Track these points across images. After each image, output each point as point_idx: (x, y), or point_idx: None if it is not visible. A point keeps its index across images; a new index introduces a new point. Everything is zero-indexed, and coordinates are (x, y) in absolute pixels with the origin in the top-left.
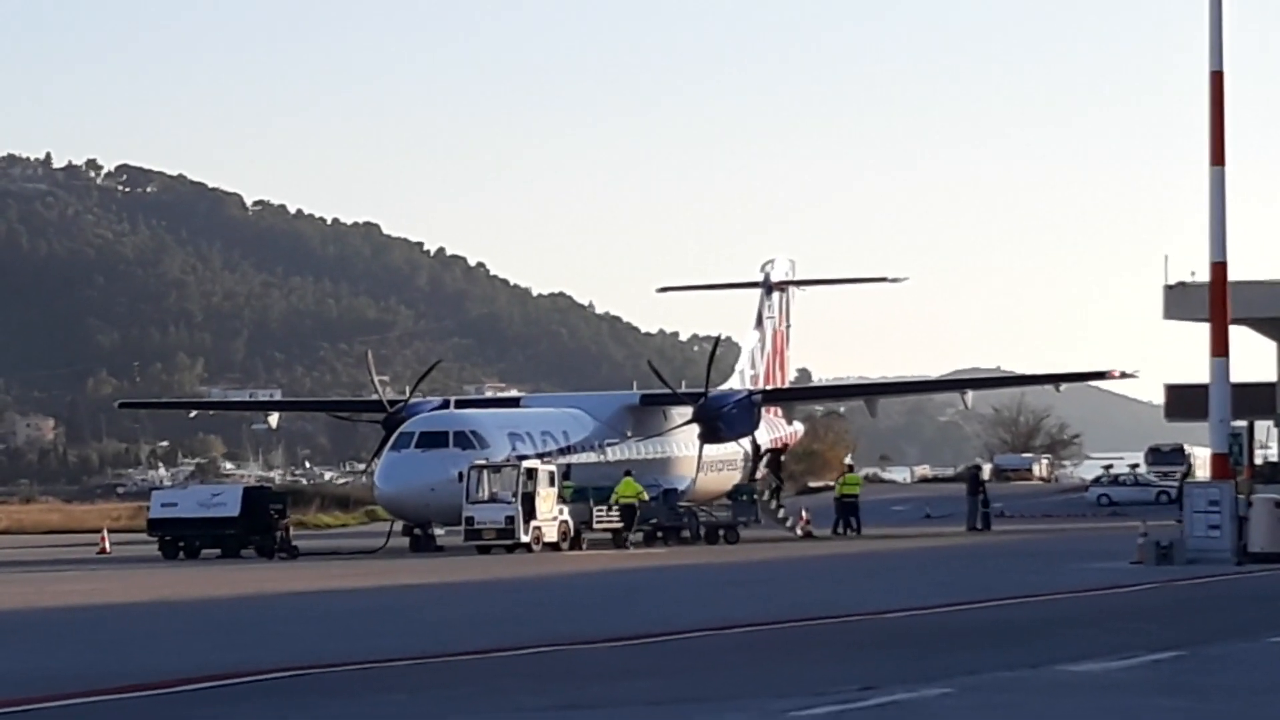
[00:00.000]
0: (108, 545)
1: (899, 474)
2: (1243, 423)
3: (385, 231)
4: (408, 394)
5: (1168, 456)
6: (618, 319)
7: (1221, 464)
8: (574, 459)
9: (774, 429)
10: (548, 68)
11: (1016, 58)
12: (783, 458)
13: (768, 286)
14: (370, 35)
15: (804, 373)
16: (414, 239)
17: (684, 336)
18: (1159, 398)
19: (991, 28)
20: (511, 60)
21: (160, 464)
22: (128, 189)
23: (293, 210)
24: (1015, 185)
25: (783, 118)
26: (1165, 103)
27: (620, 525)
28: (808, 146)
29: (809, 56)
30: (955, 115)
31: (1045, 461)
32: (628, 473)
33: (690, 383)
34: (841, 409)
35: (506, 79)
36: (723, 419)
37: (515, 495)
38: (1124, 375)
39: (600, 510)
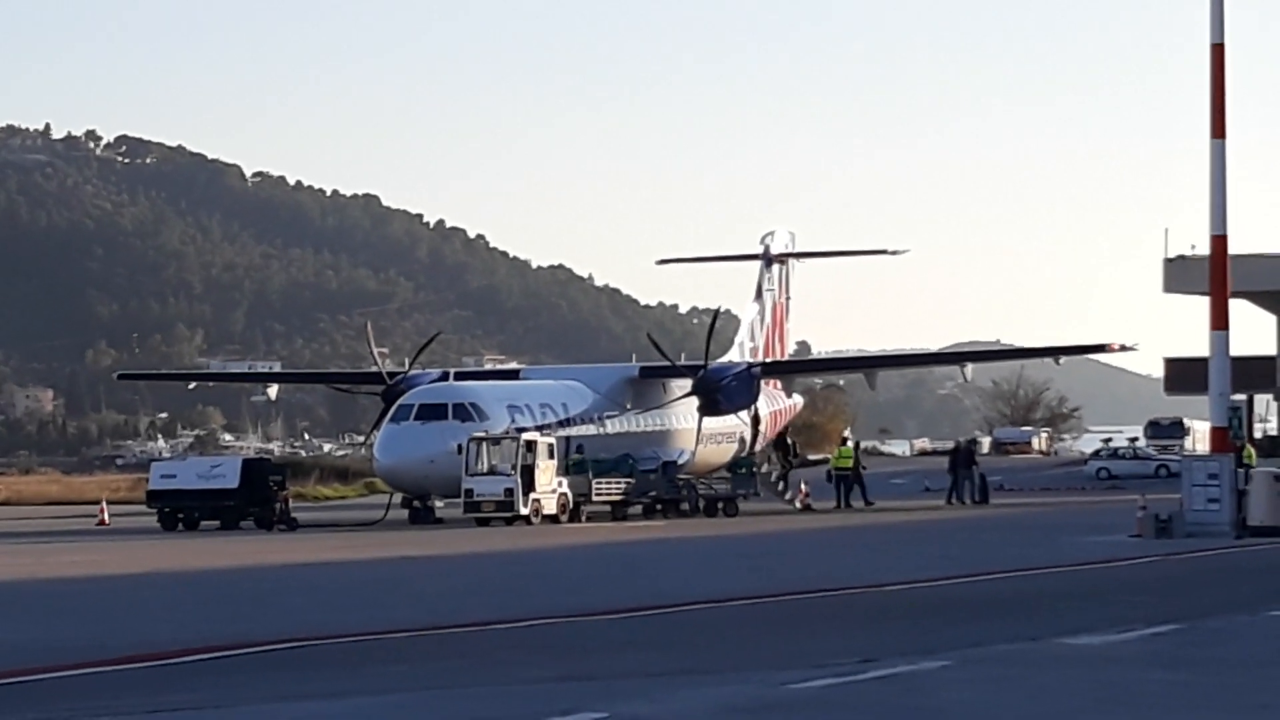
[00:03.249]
0: (107, 517)
1: (898, 447)
2: (1242, 396)
3: (385, 203)
4: (407, 366)
5: (1167, 430)
6: (617, 291)
7: (1221, 437)
8: (573, 431)
9: (773, 401)
10: (548, 41)
11: (1017, 31)
12: (789, 439)
13: (767, 259)
14: (371, 7)
15: (804, 345)
16: (414, 211)
17: (683, 309)
18: (1159, 371)
19: (991, 2)
20: (512, 33)
21: (159, 435)
22: (127, 160)
23: (292, 182)
24: (1016, 158)
25: (783, 90)
26: (1166, 76)
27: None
28: (808, 119)
29: (809, 30)
30: (956, 89)
31: (1044, 435)
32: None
33: (690, 355)
34: (841, 382)
35: (507, 51)
36: (722, 391)
37: (514, 468)
38: (1124, 348)
39: (600, 482)
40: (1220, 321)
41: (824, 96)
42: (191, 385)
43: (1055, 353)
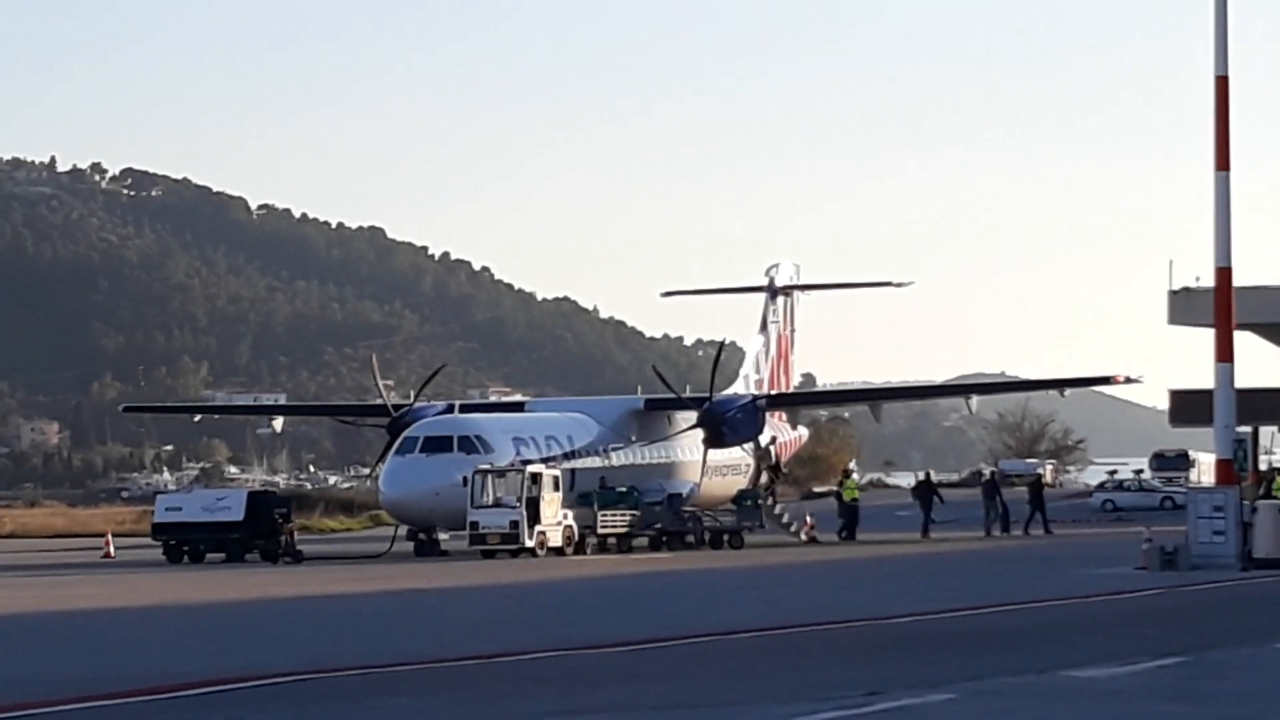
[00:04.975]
0: (112, 549)
1: (903, 479)
2: (1247, 428)
3: (390, 235)
4: (412, 398)
5: (1172, 462)
6: (622, 323)
7: (1226, 470)
8: (578, 463)
9: (778, 433)
10: (552, 71)
11: (1022, 62)
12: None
13: (772, 291)
14: (375, 39)
15: (808, 377)
16: (419, 243)
17: (688, 341)
18: (1163, 403)
19: (997, 31)
20: (516, 64)
21: (165, 468)
22: (132, 192)
23: (297, 214)
24: (1020, 190)
25: (787, 121)
26: (1170, 107)
27: (626, 531)
28: (813, 150)
29: (814, 59)
30: (961, 120)
31: (1050, 467)
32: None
33: (695, 387)
34: (846, 414)
35: (511, 82)
36: (727, 424)
37: (520, 500)
38: (1128, 380)
39: (605, 515)
40: (1225, 354)
41: (828, 129)
42: (197, 418)
43: (1060, 385)
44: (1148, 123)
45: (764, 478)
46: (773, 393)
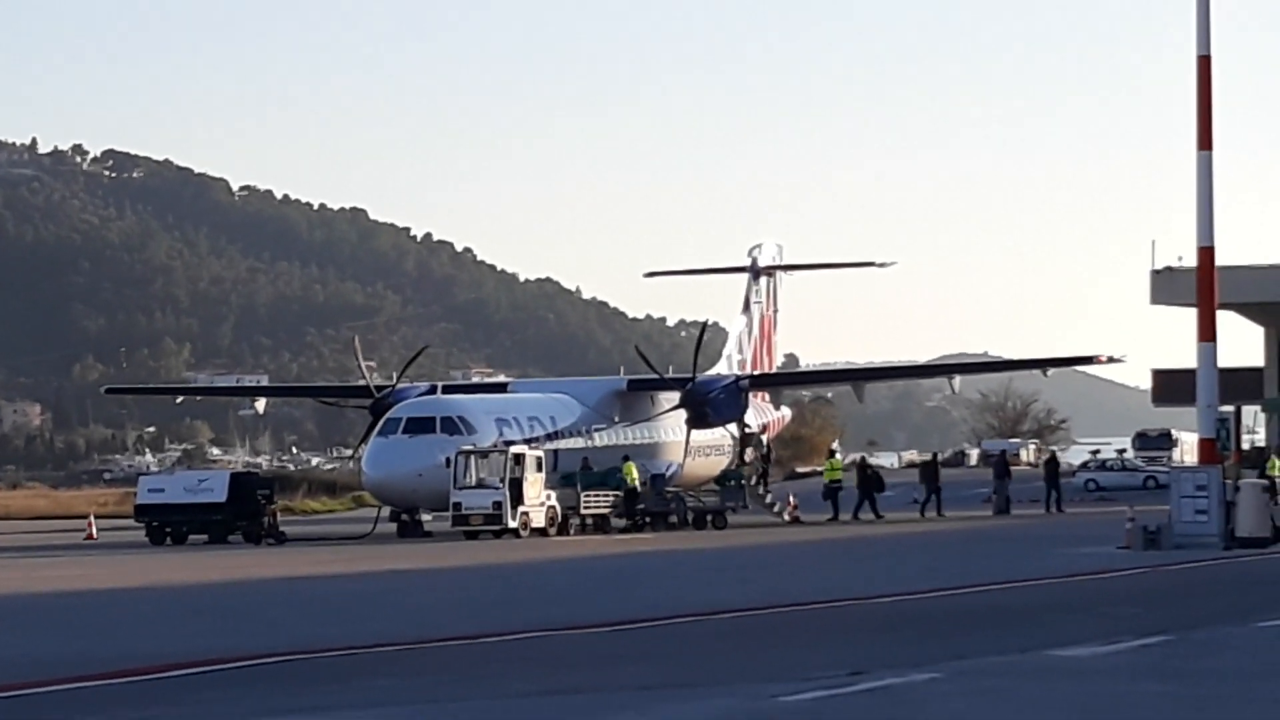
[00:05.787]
0: (95, 531)
1: (887, 459)
2: (1230, 407)
3: (372, 217)
4: (395, 380)
5: (1155, 441)
6: (605, 304)
7: (1209, 449)
8: (561, 444)
9: (761, 414)
10: (535, 53)
11: (1004, 44)
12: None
13: (755, 271)
14: (358, 20)
15: (791, 358)
16: (401, 224)
17: (671, 322)
18: (1146, 383)
19: (979, 14)
20: (499, 46)
21: (147, 450)
22: (114, 174)
23: (279, 195)
24: (1003, 170)
25: (771, 103)
26: (1153, 88)
27: (609, 510)
28: (796, 131)
29: (797, 42)
30: (943, 101)
31: (1033, 447)
32: None
33: (677, 368)
34: (829, 394)
35: (494, 64)
36: (710, 404)
37: (503, 481)
38: (1111, 360)
39: (588, 495)
40: (1207, 333)
41: (812, 110)
42: (179, 399)
43: (1043, 364)
44: (1131, 103)
45: (749, 455)
46: (756, 373)
